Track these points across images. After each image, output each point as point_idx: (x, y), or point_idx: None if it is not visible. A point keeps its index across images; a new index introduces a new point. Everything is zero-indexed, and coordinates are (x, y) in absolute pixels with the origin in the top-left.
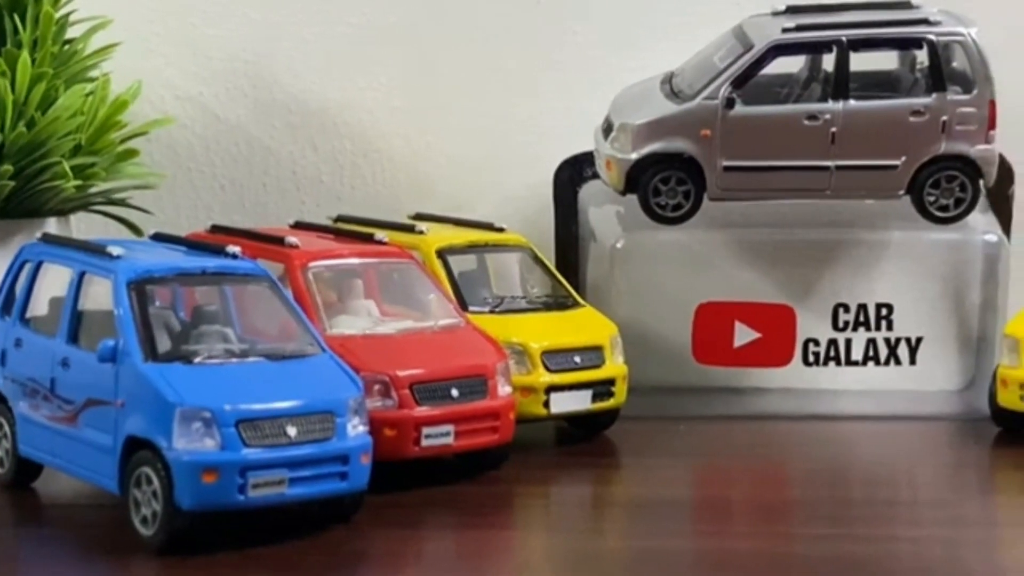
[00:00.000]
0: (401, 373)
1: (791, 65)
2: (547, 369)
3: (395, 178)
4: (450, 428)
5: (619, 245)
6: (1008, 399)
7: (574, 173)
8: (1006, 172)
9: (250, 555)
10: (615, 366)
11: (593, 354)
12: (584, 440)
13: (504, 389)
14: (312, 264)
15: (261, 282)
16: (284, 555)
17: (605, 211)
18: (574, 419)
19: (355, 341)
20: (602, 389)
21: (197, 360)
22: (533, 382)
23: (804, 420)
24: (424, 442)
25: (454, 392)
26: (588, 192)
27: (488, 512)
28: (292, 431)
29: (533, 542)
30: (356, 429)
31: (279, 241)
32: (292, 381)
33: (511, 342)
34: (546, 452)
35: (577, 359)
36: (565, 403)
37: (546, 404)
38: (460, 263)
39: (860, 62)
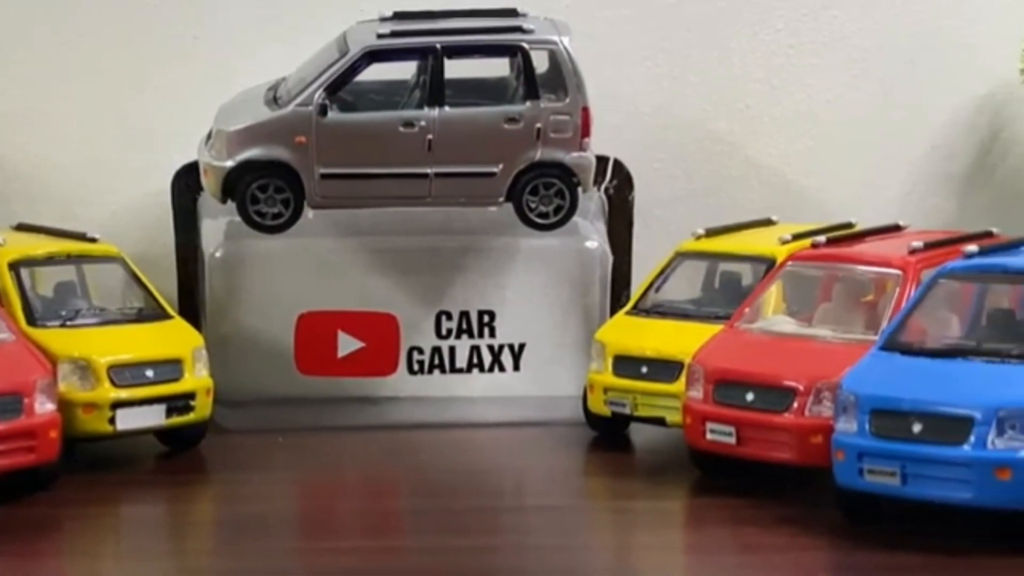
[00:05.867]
0: None
1: (407, 72)
2: (113, 384)
3: (6, 187)
4: None
5: (217, 254)
6: (596, 404)
7: (191, 181)
8: (625, 178)
9: None
10: (196, 379)
11: (169, 367)
12: (168, 456)
13: (45, 407)
14: None
15: None
16: None
17: (220, 220)
18: (160, 435)
19: None
20: (179, 403)
21: None
22: (96, 398)
23: (412, 429)
24: None
25: None
26: (207, 201)
27: (26, 538)
28: None
29: (85, 569)
30: None
31: None
32: None
33: (74, 357)
34: (118, 470)
35: (150, 373)
36: (134, 419)
37: (112, 420)
38: (56, 274)
39: (478, 69)
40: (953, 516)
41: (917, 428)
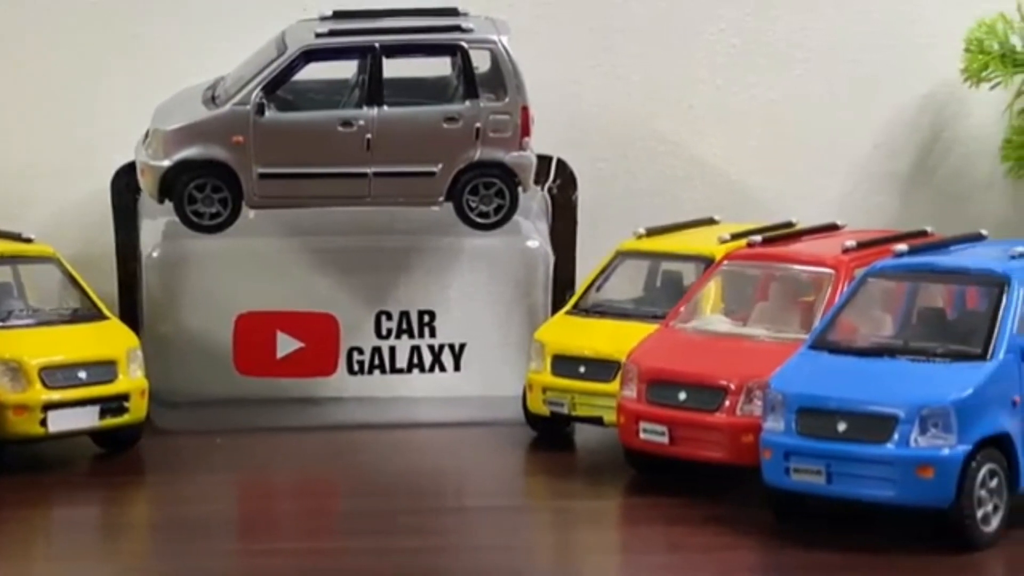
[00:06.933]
0: None
1: (350, 71)
2: (45, 385)
3: None
4: None
5: (155, 254)
6: (534, 403)
7: (131, 181)
8: (569, 178)
9: None
10: (130, 380)
11: (103, 369)
12: (103, 458)
13: None
14: None
15: None
16: None
17: (159, 220)
18: (95, 436)
19: None
20: (113, 405)
21: None
22: (27, 399)
23: (352, 430)
24: None
25: None
26: (147, 200)
27: None
28: None
29: (16, 571)
30: None
31: None
32: None
33: (4, 358)
34: (52, 472)
35: (82, 374)
36: (66, 421)
37: (43, 422)
38: None
39: (422, 69)
40: (878, 514)
41: (842, 427)
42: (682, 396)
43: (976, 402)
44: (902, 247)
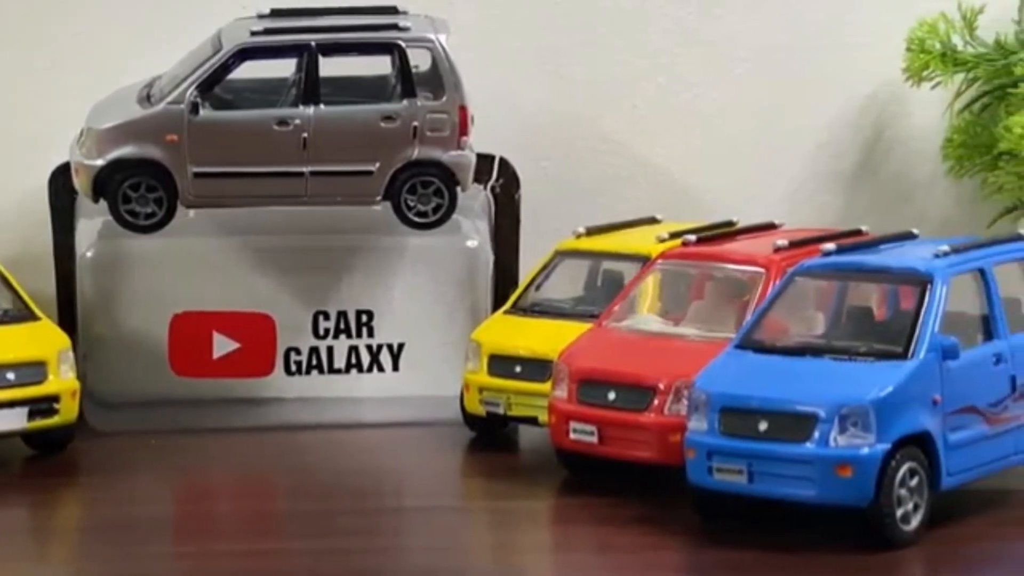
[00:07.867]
0: None
1: (287, 70)
2: None
3: None
4: None
5: (89, 254)
6: (471, 404)
7: (69, 180)
8: (511, 177)
9: None
10: (61, 382)
11: (32, 370)
12: (35, 459)
13: None
14: None
15: None
16: None
17: (96, 220)
18: (26, 438)
19: None
20: (42, 406)
21: None
22: None
23: (291, 431)
24: None
25: None
26: (85, 200)
27: None
28: None
29: None
30: None
31: None
32: None
33: None
34: None
35: (10, 376)
36: None
37: None
38: None
39: (364, 68)
40: (800, 513)
41: (763, 426)
42: (611, 396)
43: (896, 401)
44: (830, 246)
